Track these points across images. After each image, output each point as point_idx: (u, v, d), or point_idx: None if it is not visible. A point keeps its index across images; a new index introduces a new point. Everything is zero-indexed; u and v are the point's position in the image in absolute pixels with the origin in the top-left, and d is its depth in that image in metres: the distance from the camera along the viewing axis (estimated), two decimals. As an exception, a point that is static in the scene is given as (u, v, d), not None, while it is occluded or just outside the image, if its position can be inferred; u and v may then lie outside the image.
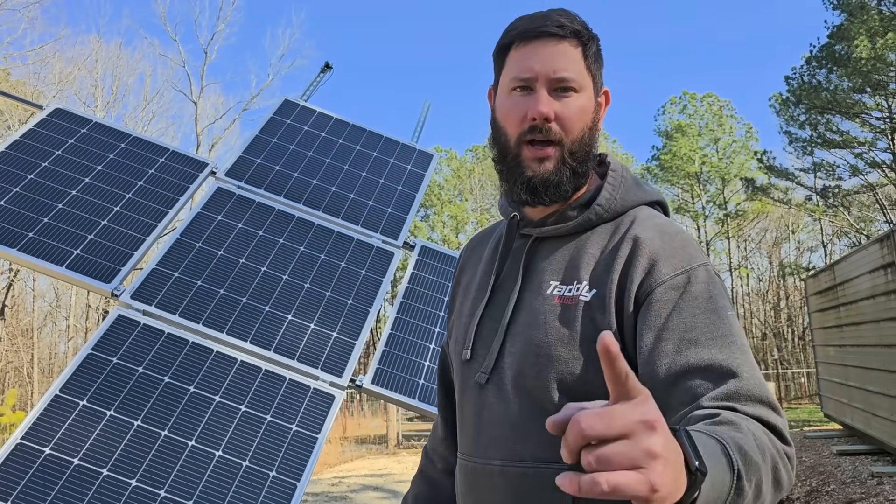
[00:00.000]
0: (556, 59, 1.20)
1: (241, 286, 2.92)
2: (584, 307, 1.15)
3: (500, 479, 1.17)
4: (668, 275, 1.11)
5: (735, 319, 1.07)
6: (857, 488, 6.40)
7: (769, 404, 0.99)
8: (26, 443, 2.27)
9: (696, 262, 1.12)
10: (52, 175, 3.07)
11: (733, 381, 0.99)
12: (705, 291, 1.09)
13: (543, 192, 1.22)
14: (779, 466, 0.91)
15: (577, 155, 1.22)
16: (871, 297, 7.72)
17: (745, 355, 1.03)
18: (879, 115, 23.58)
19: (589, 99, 1.24)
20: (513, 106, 1.22)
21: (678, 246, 1.14)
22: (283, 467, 2.44)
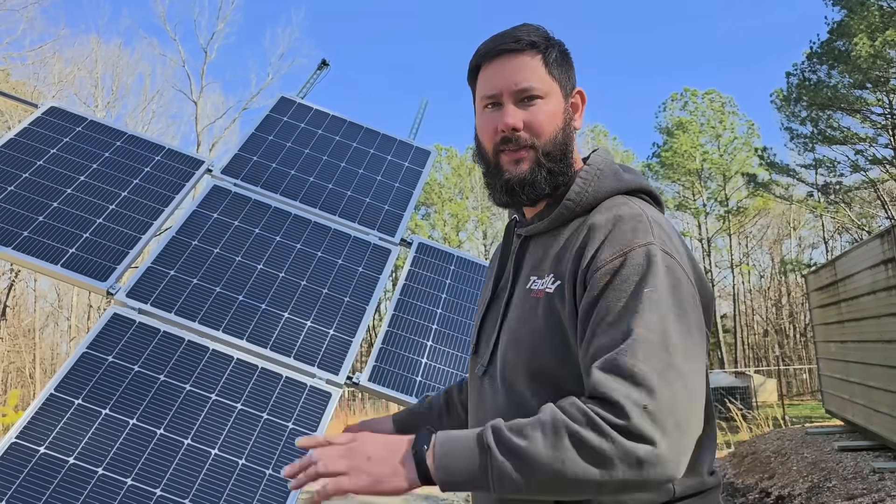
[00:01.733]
0: (517, 72, 1.29)
1: (237, 284, 2.91)
2: (549, 298, 1.22)
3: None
4: (605, 259, 1.15)
5: (651, 293, 1.08)
6: (859, 484, 6.38)
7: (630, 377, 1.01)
8: (21, 442, 2.26)
9: (636, 244, 1.14)
10: (48, 173, 3.06)
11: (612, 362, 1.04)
12: (634, 273, 1.11)
13: (521, 192, 1.30)
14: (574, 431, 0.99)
15: (553, 155, 1.30)
16: (871, 293, 7.71)
17: (644, 332, 1.04)
18: (880, 111, 23.54)
19: (557, 102, 1.32)
20: (486, 122, 1.33)
21: (627, 229, 1.17)
22: (280, 465, 2.43)
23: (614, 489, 1.01)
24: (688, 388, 1.02)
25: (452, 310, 3.32)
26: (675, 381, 1.01)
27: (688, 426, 1.01)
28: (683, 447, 1.00)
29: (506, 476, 1.02)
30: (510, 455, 1.02)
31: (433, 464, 1.07)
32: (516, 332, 1.26)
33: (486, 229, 39.66)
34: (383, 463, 1.10)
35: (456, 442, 1.08)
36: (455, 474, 1.06)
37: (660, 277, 1.10)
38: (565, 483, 1.00)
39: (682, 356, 1.04)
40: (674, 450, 0.98)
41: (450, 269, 3.52)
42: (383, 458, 1.10)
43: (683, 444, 1.00)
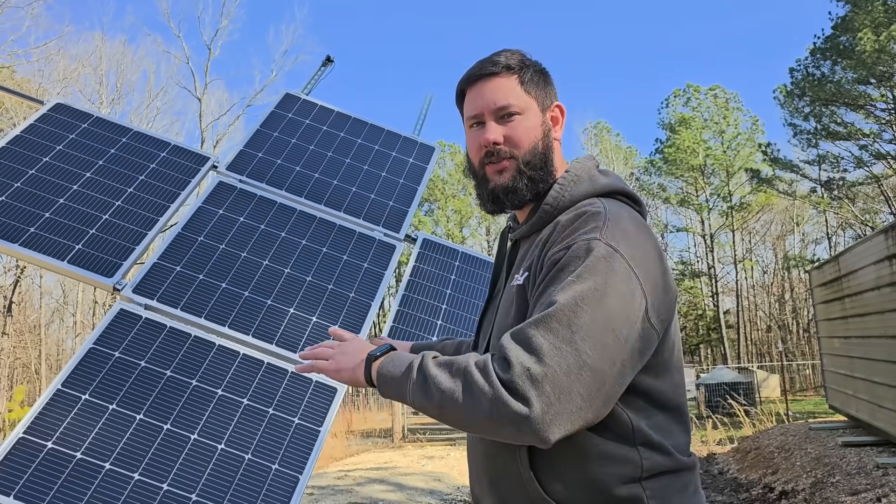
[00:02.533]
0: (495, 92, 1.44)
1: (242, 280, 2.92)
2: (520, 290, 1.34)
3: (480, 444, 1.41)
4: (554, 252, 1.27)
5: (573, 281, 1.18)
6: (863, 479, 6.39)
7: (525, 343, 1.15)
8: (29, 437, 2.27)
9: (581, 238, 1.25)
10: (54, 170, 3.07)
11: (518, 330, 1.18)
12: (570, 263, 1.22)
13: (504, 199, 1.44)
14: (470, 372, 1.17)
15: (533, 164, 1.43)
16: (875, 289, 7.70)
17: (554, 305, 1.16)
18: (884, 107, 23.48)
19: (535, 116, 1.45)
20: (472, 140, 1.48)
21: (579, 226, 1.28)
22: (286, 460, 2.44)
23: (492, 431, 1.16)
24: (579, 365, 1.11)
25: (457, 305, 3.33)
26: (569, 356, 1.12)
27: (567, 397, 1.10)
28: (557, 413, 1.10)
29: (417, 392, 1.24)
30: (423, 377, 1.23)
31: (376, 366, 1.33)
32: (500, 328, 1.39)
33: (490, 225, 39.64)
34: (350, 359, 1.40)
35: (398, 358, 1.31)
36: (386, 381, 1.30)
37: (589, 267, 1.19)
38: (455, 412, 1.19)
39: (584, 337, 1.13)
40: (546, 413, 1.09)
41: (454, 264, 3.53)
42: (352, 356, 1.40)
43: (558, 410, 1.10)
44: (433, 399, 1.21)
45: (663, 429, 1.29)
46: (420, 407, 1.25)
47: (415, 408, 1.27)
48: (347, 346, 1.44)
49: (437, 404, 1.20)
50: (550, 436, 1.10)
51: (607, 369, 1.14)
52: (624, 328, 1.17)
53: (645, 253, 1.26)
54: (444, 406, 1.20)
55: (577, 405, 1.11)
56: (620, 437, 1.24)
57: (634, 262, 1.22)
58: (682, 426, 1.33)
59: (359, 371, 1.37)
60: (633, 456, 1.25)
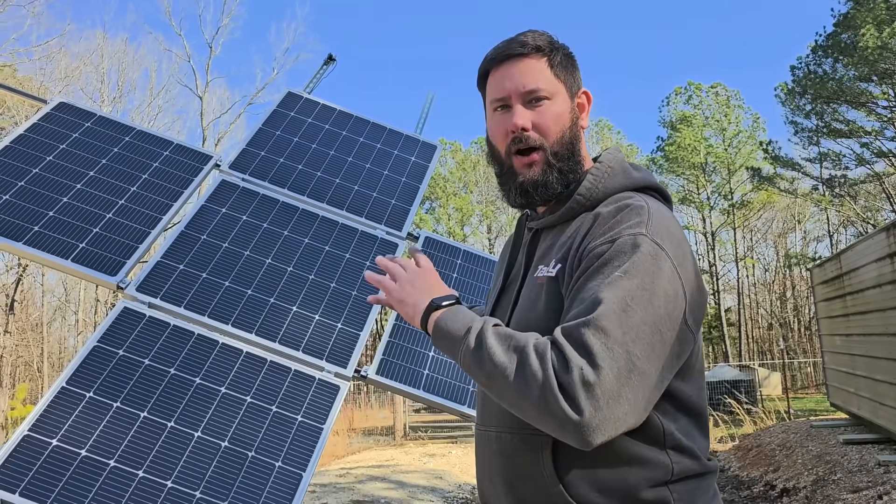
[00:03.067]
0: (524, 74, 1.37)
1: (246, 278, 2.93)
2: (551, 282, 1.30)
3: (495, 444, 1.35)
4: (597, 244, 1.23)
5: (621, 277, 1.15)
6: (864, 477, 6.39)
7: (581, 346, 1.10)
8: (34, 435, 2.28)
9: (626, 232, 1.21)
10: (57, 169, 3.08)
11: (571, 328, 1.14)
12: (616, 258, 1.18)
13: (534, 193, 1.38)
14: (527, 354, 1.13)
15: (561, 154, 1.37)
16: (877, 286, 7.70)
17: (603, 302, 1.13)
18: (886, 104, 23.45)
19: (563, 103, 1.39)
20: (497, 124, 1.40)
21: (623, 219, 1.24)
22: (289, 457, 2.46)
23: (532, 418, 1.13)
24: (629, 368, 1.09)
25: (459, 303, 3.34)
26: (620, 359, 1.09)
27: (616, 402, 1.08)
28: (604, 418, 1.07)
29: (468, 356, 1.21)
30: (479, 344, 1.20)
31: (436, 317, 1.29)
32: (525, 319, 1.34)
33: (491, 223, 39.65)
34: (415, 294, 1.35)
35: (460, 315, 1.28)
36: (441, 334, 1.27)
37: (637, 264, 1.16)
38: (502, 388, 1.15)
39: (634, 338, 1.10)
40: (594, 418, 1.07)
41: (456, 262, 3.54)
42: (419, 291, 1.35)
43: (605, 415, 1.07)
44: (484, 368, 1.18)
45: (688, 432, 1.27)
46: (469, 371, 1.22)
47: (464, 369, 1.24)
48: (418, 279, 1.37)
49: (488, 374, 1.17)
50: (594, 441, 1.08)
51: (654, 373, 1.12)
52: (669, 330, 1.15)
53: (684, 253, 1.23)
54: (492, 379, 1.16)
55: (624, 410, 1.09)
56: (652, 440, 1.22)
57: (678, 262, 1.20)
58: (703, 430, 1.32)
59: (417, 312, 1.32)
60: (664, 459, 1.23)
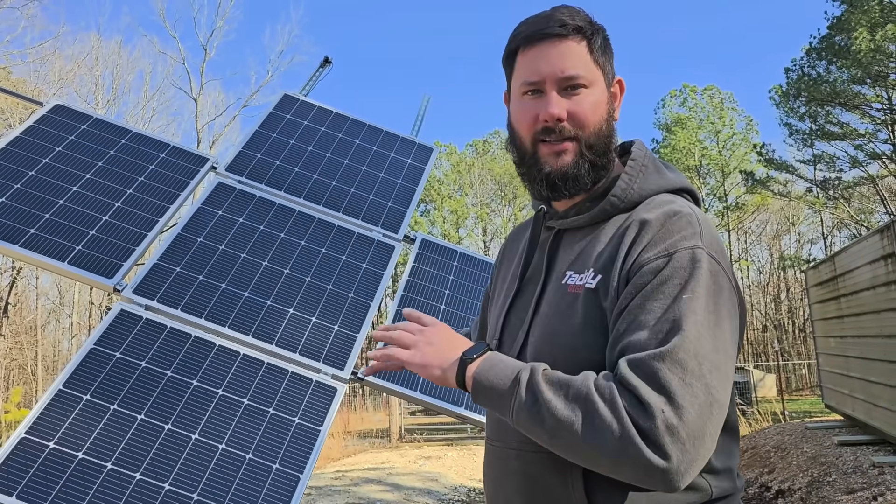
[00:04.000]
0: (563, 58, 1.22)
1: (242, 280, 2.93)
2: (590, 294, 1.18)
3: (515, 462, 1.25)
4: (650, 258, 1.12)
5: (690, 299, 1.06)
6: (859, 478, 6.41)
7: (657, 384, 1.01)
8: (30, 437, 2.28)
9: (682, 246, 1.11)
10: (53, 171, 3.08)
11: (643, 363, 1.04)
12: (677, 275, 1.08)
13: (563, 186, 1.25)
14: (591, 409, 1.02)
15: (596, 147, 1.25)
16: (871, 288, 7.73)
17: (675, 328, 1.04)
18: (879, 107, 23.55)
19: (601, 92, 1.26)
20: (526, 109, 1.26)
21: (675, 229, 1.13)
22: (286, 460, 2.46)
23: (610, 470, 1.03)
24: (710, 402, 1.01)
25: (456, 306, 3.35)
26: (700, 394, 1.00)
27: (702, 440, 1.00)
28: (692, 460, 0.99)
29: (523, 413, 1.08)
30: (533, 398, 1.07)
31: (473, 371, 1.16)
32: (552, 328, 1.23)
33: (486, 226, 39.67)
34: (438, 354, 1.21)
35: (500, 364, 1.15)
36: (485, 391, 1.14)
37: (701, 283, 1.07)
38: (570, 445, 1.04)
39: (710, 368, 1.02)
40: (682, 462, 0.98)
41: (453, 265, 3.54)
42: (441, 350, 1.21)
43: (693, 457, 0.99)
44: (544, 425, 1.06)
45: (727, 450, 1.21)
46: (526, 429, 1.10)
47: (517, 426, 1.12)
48: (434, 336, 1.23)
49: (550, 431, 1.05)
50: (682, 485, 1.00)
51: (727, 400, 1.05)
52: (733, 350, 1.08)
53: (730, 264, 1.15)
54: (558, 435, 1.05)
55: (708, 447, 1.01)
56: None
57: (731, 276, 1.13)
58: (736, 445, 1.25)
59: (451, 373, 1.18)
60: (703, 483, 1.16)
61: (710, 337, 1.04)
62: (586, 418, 1.02)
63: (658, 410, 0.98)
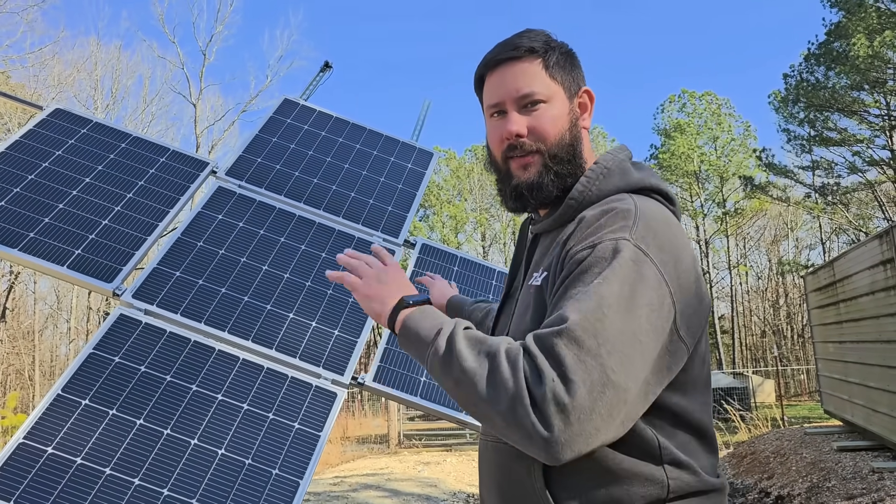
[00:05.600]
0: (517, 79, 1.33)
1: (242, 285, 2.92)
2: (538, 290, 1.27)
3: (492, 453, 1.32)
4: (577, 250, 1.17)
5: (600, 284, 1.09)
6: (858, 484, 6.40)
7: (554, 358, 1.05)
8: (29, 442, 2.27)
9: (608, 238, 1.14)
10: (53, 175, 3.07)
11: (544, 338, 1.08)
12: (596, 264, 1.12)
13: (529, 196, 1.34)
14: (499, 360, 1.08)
15: (560, 157, 1.33)
16: (870, 294, 7.73)
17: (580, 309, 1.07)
18: (878, 113, 23.59)
19: (561, 104, 1.35)
20: (494, 130, 1.37)
21: (605, 224, 1.18)
22: (286, 465, 2.45)
23: (500, 428, 1.07)
24: (603, 381, 1.02)
25: (456, 310, 3.34)
26: (594, 373, 1.02)
27: (587, 417, 1.01)
28: (574, 434, 1.01)
29: (436, 360, 1.16)
30: (448, 346, 1.14)
31: (405, 314, 1.25)
32: (517, 326, 1.32)
33: (485, 231, 39.68)
34: (383, 291, 1.32)
35: (430, 316, 1.23)
36: (409, 335, 1.23)
37: (617, 271, 1.09)
38: (469, 396, 1.10)
39: (610, 350, 1.04)
40: (563, 433, 1.01)
41: (453, 269, 3.54)
42: (388, 289, 1.32)
43: (576, 430, 1.01)
44: (452, 374, 1.12)
45: (689, 449, 1.21)
46: (435, 375, 1.17)
47: (429, 372, 1.19)
48: (386, 275, 1.34)
49: (455, 380, 1.11)
50: (562, 457, 1.02)
51: (631, 387, 1.05)
52: (651, 341, 1.08)
53: (677, 258, 1.16)
54: (461, 385, 1.11)
55: (596, 426, 1.02)
56: (646, 455, 1.16)
57: (665, 269, 1.13)
58: (709, 447, 1.24)
59: (385, 310, 1.28)
60: (659, 475, 1.16)
61: (618, 321, 1.06)
62: (489, 373, 1.08)
63: (549, 380, 1.02)
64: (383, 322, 1.29)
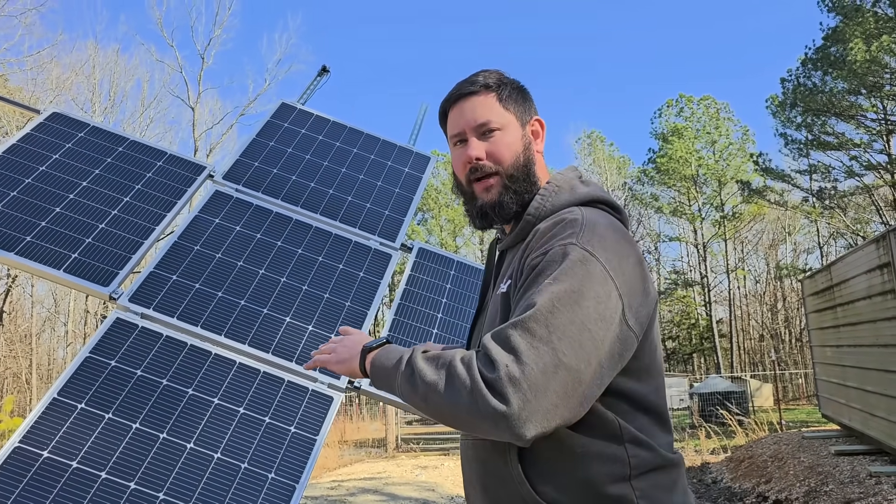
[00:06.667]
0: (475, 110, 1.51)
1: (239, 289, 2.92)
2: (504, 297, 1.40)
3: (472, 451, 1.44)
4: (533, 258, 1.32)
5: (550, 284, 1.22)
6: (856, 488, 6.40)
7: (505, 344, 1.18)
8: (24, 446, 2.26)
9: (558, 244, 1.30)
10: (50, 179, 3.07)
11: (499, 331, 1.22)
12: (547, 267, 1.27)
13: (492, 214, 1.50)
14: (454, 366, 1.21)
15: (516, 177, 1.49)
16: (867, 298, 7.74)
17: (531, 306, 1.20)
18: (874, 117, 23.65)
19: (514, 131, 1.52)
20: (457, 157, 1.54)
21: (556, 233, 1.33)
22: (282, 469, 2.44)
23: (471, 426, 1.19)
24: (555, 363, 1.15)
25: (453, 314, 3.34)
26: (545, 355, 1.15)
27: (543, 395, 1.13)
28: (533, 410, 1.13)
29: (404, 383, 1.29)
30: (411, 370, 1.28)
31: (371, 357, 1.42)
32: (486, 332, 1.45)
33: (483, 235, 39.68)
34: (348, 350, 1.50)
35: (391, 350, 1.39)
36: (377, 371, 1.38)
37: (565, 270, 1.23)
38: (437, 405, 1.23)
39: (560, 336, 1.16)
40: (523, 409, 1.12)
41: (450, 273, 3.54)
42: (351, 347, 1.50)
43: (534, 407, 1.13)
44: (418, 390, 1.26)
45: (647, 430, 1.33)
46: (407, 398, 1.30)
47: (402, 399, 1.31)
48: (348, 339, 1.53)
49: (422, 395, 1.25)
50: (526, 433, 1.14)
51: (583, 368, 1.17)
52: (600, 329, 1.20)
53: (622, 257, 1.29)
54: (427, 398, 1.24)
55: (553, 402, 1.14)
56: (608, 436, 1.28)
57: (610, 266, 1.25)
58: (664, 427, 1.37)
59: (354, 361, 1.47)
60: (621, 454, 1.28)
61: (568, 312, 1.19)
62: (448, 380, 1.21)
63: (503, 364, 1.15)
64: (358, 374, 1.46)
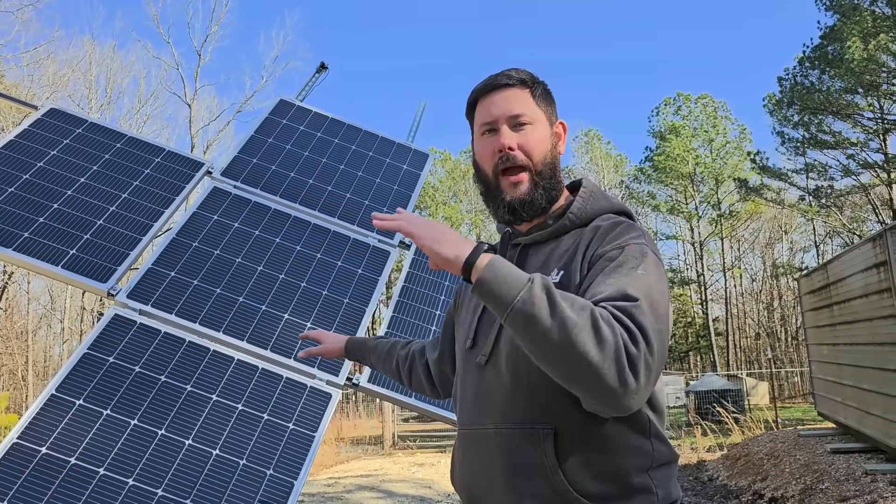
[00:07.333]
0: (510, 101, 1.52)
1: (237, 285, 2.92)
2: (558, 287, 1.37)
3: (493, 440, 1.41)
4: (607, 249, 1.39)
5: (644, 275, 1.31)
6: (851, 486, 6.42)
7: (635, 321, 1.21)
8: (23, 442, 2.26)
9: (633, 242, 1.39)
10: (48, 175, 3.07)
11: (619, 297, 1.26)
12: (630, 260, 1.34)
13: (521, 211, 1.51)
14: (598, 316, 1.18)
15: (544, 174, 1.52)
16: (864, 296, 7.75)
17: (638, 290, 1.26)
18: (871, 116, 23.68)
19: (544, 129, 1.54)
20: (485, 146, 1.54)
21: (623, 232, 1.42)
22: (281, 465, 2.44)
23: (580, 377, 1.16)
24: (663, 349, 1.23)
25: (451, 311, 3.34)
26: (662, 340, 1.23)
27: (657, 377, 1.23)
28: (647, 392, 1.19)
29: (529, 303, 1.19)
30: (549, 292, 1.20)
31: (486, 260, 1.27)
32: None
33: (480, 232, 39.71)
34: (451, 236, 1.34)
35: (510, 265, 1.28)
36: (498, 274, 1.24)
37: (650, 267, 1.33)
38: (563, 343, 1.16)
39: (665, 323, 1.26)
40: (642, 392, 1.18)
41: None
42: (453, 237, 1.34)
43: (649, 390, 1.20)
44: (547, 321, 1.16)
45: (660, 426, 1.43)
46: (520, 321, 1.19)
47: (507, 319, 1.21)
48: (438, 227, 1.36)
49: (549, 327, 1.16)
50: (633, 407, 1.19)
51: (665, 355, 1.28)
52: (669, 319, 1.30)
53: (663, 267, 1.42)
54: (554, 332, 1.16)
55: (653, 384, 1.21)
56: (640, 429, 1.36)
57: (664, 273, 1.38)
58: (663, 425, 1.46)
59: (463, 252, 1.29)
60: (647, 447, 1.37)
61: (661, 305, 1.27)
62: (594, 325, 1.17)
63: (642, 343, 1.18)
64: (456, 266, 1.28)
